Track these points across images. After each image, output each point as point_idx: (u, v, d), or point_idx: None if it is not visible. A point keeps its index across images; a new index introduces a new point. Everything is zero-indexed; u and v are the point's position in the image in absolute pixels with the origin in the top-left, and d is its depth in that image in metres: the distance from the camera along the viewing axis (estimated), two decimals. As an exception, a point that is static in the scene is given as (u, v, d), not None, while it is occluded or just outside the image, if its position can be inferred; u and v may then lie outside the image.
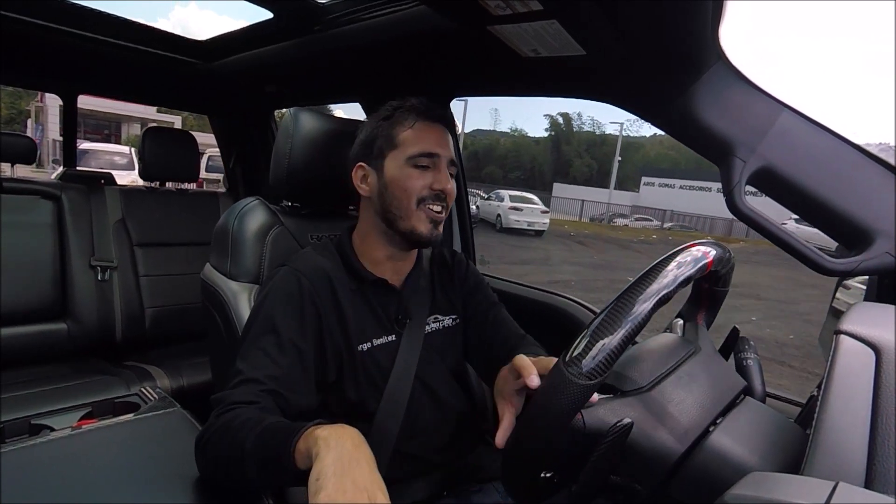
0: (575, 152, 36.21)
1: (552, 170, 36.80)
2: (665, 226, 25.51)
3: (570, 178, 35.38)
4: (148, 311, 2.08)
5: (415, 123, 0.97)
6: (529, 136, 41.45)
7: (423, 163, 0.95)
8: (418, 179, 0.95)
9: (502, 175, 34.30)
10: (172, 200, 2.24)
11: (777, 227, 0.86)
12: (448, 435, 1.00)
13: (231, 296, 1.06)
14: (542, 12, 0.81)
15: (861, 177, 0.82)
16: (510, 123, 52.86)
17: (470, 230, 1.72)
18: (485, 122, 72.78)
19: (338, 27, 1.34)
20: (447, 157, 0.97)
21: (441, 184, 0.95)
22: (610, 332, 0.52)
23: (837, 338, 0.54)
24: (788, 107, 0.86)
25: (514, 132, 39.96)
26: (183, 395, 1.76)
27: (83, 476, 0.84)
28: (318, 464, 0.61)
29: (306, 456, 0.65)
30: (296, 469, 0.66)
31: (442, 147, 0.96)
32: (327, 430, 0.66)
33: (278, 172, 1.12)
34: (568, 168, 36.57)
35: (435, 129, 0.97)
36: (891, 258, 0.79)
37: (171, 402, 1.13)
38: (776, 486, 0.42)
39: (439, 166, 0.96)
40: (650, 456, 0.60)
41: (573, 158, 36.14)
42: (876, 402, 0.48)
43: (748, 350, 0.81)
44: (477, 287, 1.14)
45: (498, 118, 42.35)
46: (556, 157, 37.05)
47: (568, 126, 35.76)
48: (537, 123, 76.21)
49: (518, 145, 38.81)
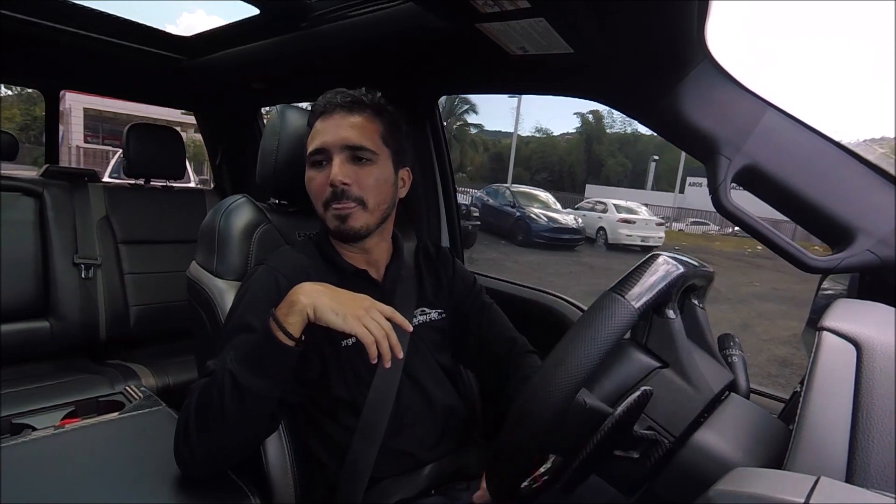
0: (607, 151, 34.39)
1: (584, 170, 34.90)
2: (728, 231, 21.10)
3: (603, 179, 33.42)
4: (133, 309, 2.05)
5: (314, 122, 0.98)
6: (556, 134, 39.60)
7: (316, 160, 0.96)
8: (316, 180, 0.96)
9: (529, 177, 32.85)
10: (158, 197, 2.22)
11: (762, 225, 0.87)
12: (436, 430, 1.00)
13: (217, 294, 1.06)
14: (530, 10, 0.81)
15: (843, 175, 0.84)
16: (535, 123, 50.76)
17: (458, 225, 1.72)
18: (507, 123, 71.66)
19: (325, 24, 1.33)
20: (339, 145, 0.94)
21: (331, 176, 0.93)
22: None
23: (820, 334, 0.55)
24: (773, 106, 0.87)
25: (540, 132, 38.43)
26: (168, 394, 1.74)
27: (66, 476, 0.83)
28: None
29: (283, 306, 0.78)
30: (284, 338, 0.76)
31: (332, 137, 0.94)
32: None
33: (265, 170, 1.12)
34: (600, 168, 34.58)
35: (330, 119, 0.96)
36: (872, 255, 0.80)
37: (157, 401, 1.12)
38: (760, 481, 0.42)
39: (332, 158, 0.94)
40: (675, 405, 0.64)
41: (606, 158, 34.26)
42: (857, 397, 0.49)
43: (733, 347, 0.82)
44: (470, 288, 1.14)
45: (521, 118, 40.87)
46: (587, 157, 35.15)
47: (599, 124, 34.45)
48: (564, 122, 74.94)
49: (544, 145, 37.20)
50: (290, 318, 0.77)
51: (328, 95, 0.98)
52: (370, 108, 0.98)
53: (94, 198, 2.05)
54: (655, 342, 0.70)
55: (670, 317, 0.69)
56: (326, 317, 0.77)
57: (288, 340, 0.76)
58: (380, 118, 0.99)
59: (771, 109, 0.87)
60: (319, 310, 0.77)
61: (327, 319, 0.77)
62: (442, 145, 1.65)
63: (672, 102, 0.92)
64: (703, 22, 0.79)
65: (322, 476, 0.95)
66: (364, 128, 0.96)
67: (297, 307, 0.77)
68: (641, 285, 0.61)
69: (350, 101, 0.97)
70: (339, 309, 0.78)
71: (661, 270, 0.64)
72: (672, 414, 0.65)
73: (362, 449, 0.91)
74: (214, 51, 1.82)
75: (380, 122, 0.99)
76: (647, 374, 0.67)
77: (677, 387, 0.66)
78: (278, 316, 0.77)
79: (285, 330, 0.76)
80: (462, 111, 31.91)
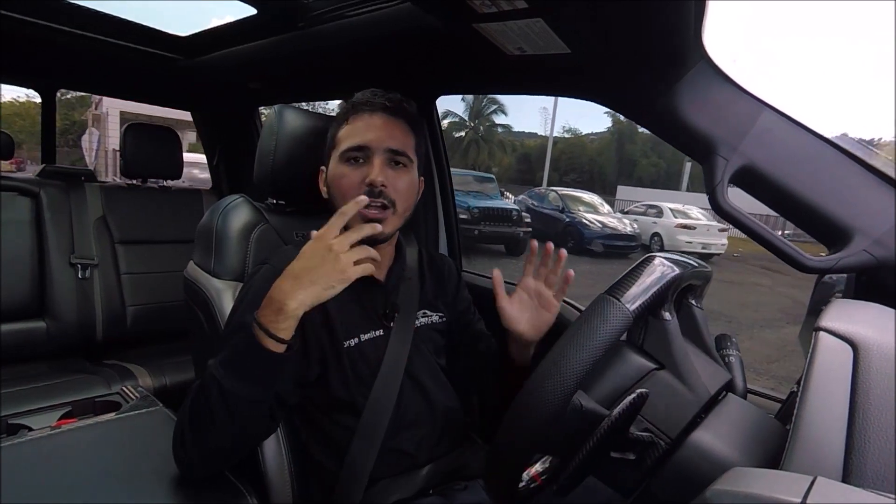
0: (640, 151, 33.46)
1: (615, 171, 33.97)
2: (778, 233, 19.38)
3: (636, 180, 32.45)
4: (130, 309, 2.05)
5: (349, 118, 0.97)
6: (584, 134, 38.85)
7: (353, 156, 0.94)
8: (349, 177, 0.94)
9: (558, 178, 31.68)
10: (154, 197, 2.21)
11: (758, 225, 0.87)
12: (435, 430, 1.00)
13: (215, 294, 1.05)
14: (528, 11, 0.81)
15: (840, 175, 0.84)
16: (562, 122, 49.35)
17: (456, 231, 1.71)
18: (531, 123, 70.07)
19: (322, 24, 1.33)
20: (383, 147, 0.94)
21: (371, 175, 0.92)
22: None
23: (816, 334, 0.55)
24: (770, 106, 0.88)
25: (568, 132, 37.46)
26: (165, 394, 1.74)
27: (63, 476, 0.83)
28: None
29: (268, 312, 0.76)
30: (275, 345, 0.75)
31: (376, 137, 0.94)
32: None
33: (263, 170, 1.11)
34: (633, 169, 33.81)
35: (372, 119, 0.95)
36: (868, 255, 0.80)
37: (154, 401, 1.12)
38: (756, 481, 0.43)
39: (371, 158, 0.93)
40: (671, 407, 0.65)
41: (639, 158, 33.49)
42: (853, 397, 0.49)
43: (730, 347, 0.82)
44: (469, 303, 1.17)
45: (547, 118, 39.62)
46: (618, 158, 34.28)
47: (631, 123, 32.81)
48: (592, 121, 73.66)
49: (572, 145, 36.25)
50: (282, 325, 0.76)
51: (367, 94, 0.98)
52: (409, 117, 0.99)
53: (91, 198, 2.04)
54: (651, 344, 0.70)
55: (666, 318, 0.69)
56: (321, 299, 0.77)
57: (279, 346, 0.76)
58: (414, 128, 1.00)
59: (768, 110, 0.88)
60: (317, 300, 0.77)
61: (322, 299, 0.77)
62: (440, 147, 1.65)
63: (669, 103, 0.92)
64: (701, 23, 0.80)
65: (320, 476, 0.95)
66: (405, 134, 0.98)
67: (287, 312, 0.75)
68: (637, 287, 0.62)
69: (394, 106, 0.97)
70: (327, 283, 0.77)
71: (656, 272, 0.65)
72: (668, 416, 0.65)
73: (362, 449, 0.91)
74: (212, 50, 1.82)
75: (414, 132, 1.00)
76: (643, 377, 0.67)
77: (673, 389, 0.67)
78: (266, 324, 0.76)
79: (277, 337, 0.75)
80: (490, 111, 31.57)
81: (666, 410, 0.65)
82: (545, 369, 0.57)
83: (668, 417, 0.65)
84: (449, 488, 0.97)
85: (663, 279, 0.64)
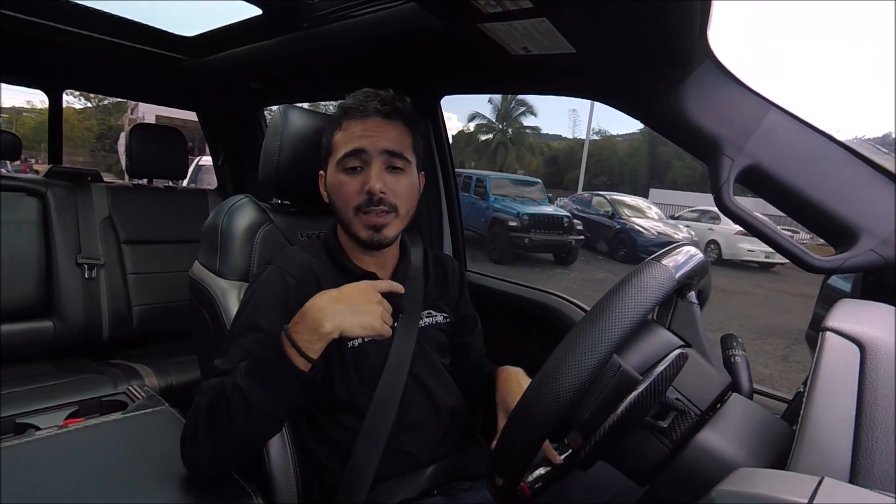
0: (674, 153, 31.81)
1: (647, 174, 32.82)
2: (820, 241, 14.83)
3: (669, 183, 31.29)
4: (135, 308, 2.06)
5: (342, 122, 0.96)
6: (614, 136, 37.53)
7: (351, 164, 0.93)
8: (349, 185, 0.93)
9: (587, 181, 30.15)
10: (160, 198, 2.23)
11: (765, 225, 0.87)
12: (439, 430, 1.00)
13: (220, 293, 1.06)
14: (533, 10, 0.81)
15: (846, 175, 0.83)
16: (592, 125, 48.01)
17: (460, 231, 1.71)
18: (557, 124, 68.81)
19: (326, 24, 1.33)
20: (379, 149, 0.93)
21: (370, 184, 0.91)
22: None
23: (823, 334, 0.54)
24: (776, 105, 0.87)
25: (598, 133, 35.99)
26: (171, 394, 1.74)
27: (70, 475, 0.83)
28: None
29: (301, 330, 0.77)
30: (303, 362, 0.76)
31: (371, 141, 0.92)
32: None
33: (267, 170, 1.12)
34: (666, 171, 32.69)
35: (366, 123, 0.94)
36: (875, 255, 0.79)
37: (160, 401, 1.12)
38: (763, 482, 0.42)
39: (369, 163, 0.92)
40: (702, 379, 0.66)
41: (672, 160, 32.27)
42: (860, 398, 0.49)
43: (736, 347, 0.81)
44: (468, 307, 1.18)
45: (576, 120, 38.82)
46: (650, 160, 33.09)
47: None
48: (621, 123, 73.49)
49: (601, 147, 34.95)
50: (315, 345, 0.77)
51: (360, 96, 0.97)
52: (404, 116, 0.98)
53: (97, 198, 2.06)
54: (678, 325, 0.71)
55: (692, 300, 0.71)
56: (355, 333, 0.79)
57: (306, 365, 0.77)
58: (411, 125, 0.99)
59: (774, 109, 0.87)
60: (347, 331, 0.78)
61: (356, 335, 0.79)
62: (444, 147, 1.64)
63: (674, 102, 0.91)
64: (706, 22, 0.79)
65: (324, 477, 0.95)
66: (402, 136, 0.96)
67: (322, 332, 0.76)
68: (679, 258, 0.63)
69: (389, 109, 0.95)
70: (365, 322, 0.79)
71: (691, 252, 0.67)
72: (698, 388, 0.65)
73: (365, 450, 0.91)
74: (216, 51, 1.83)
75: (411, 130, 0.99)
76: (672, 350, 0.67)
77: (702, 365, 0.68)
78: (297, 341, 0.76)
79: (306, 355, 0.76)
80: (518, 113, 30.97)
81: (697, 383, 0.65)
82: (589, 323, 0.56)
83: (699, 389, 0.65)
84: (453, 488, 0.97)
85: (698, 257, 0.66)
